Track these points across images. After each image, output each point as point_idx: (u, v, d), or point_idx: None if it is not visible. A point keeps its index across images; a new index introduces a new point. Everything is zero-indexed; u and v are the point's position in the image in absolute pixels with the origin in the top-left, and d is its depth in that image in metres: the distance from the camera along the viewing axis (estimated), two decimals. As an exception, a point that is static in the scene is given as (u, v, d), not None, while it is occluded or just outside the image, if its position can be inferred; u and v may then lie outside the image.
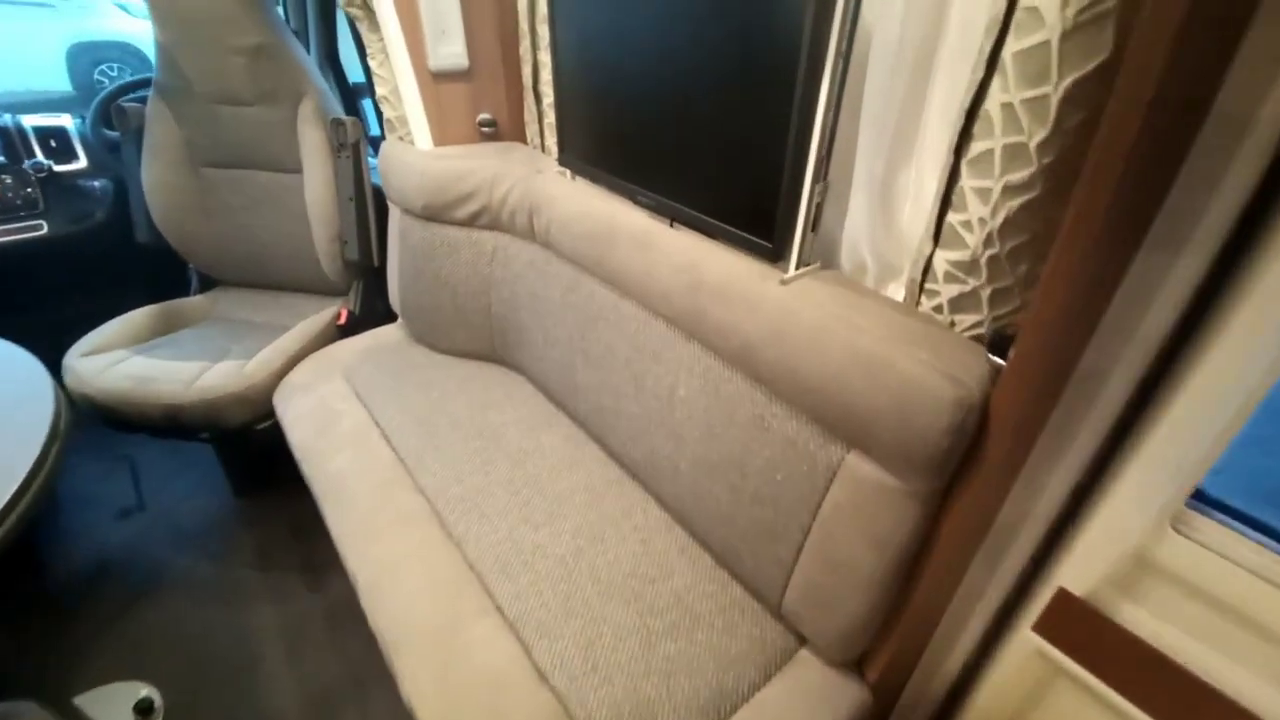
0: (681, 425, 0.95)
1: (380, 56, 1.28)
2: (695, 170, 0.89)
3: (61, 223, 1.73)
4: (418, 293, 1.40)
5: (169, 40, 1.42)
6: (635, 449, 1.07)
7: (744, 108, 0.78)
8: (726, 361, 0.87)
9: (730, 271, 0.85)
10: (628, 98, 0.96)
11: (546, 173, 1.20)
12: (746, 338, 0.82)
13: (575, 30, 1.01)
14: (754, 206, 0.82)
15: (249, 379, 1.33)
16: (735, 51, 0.76)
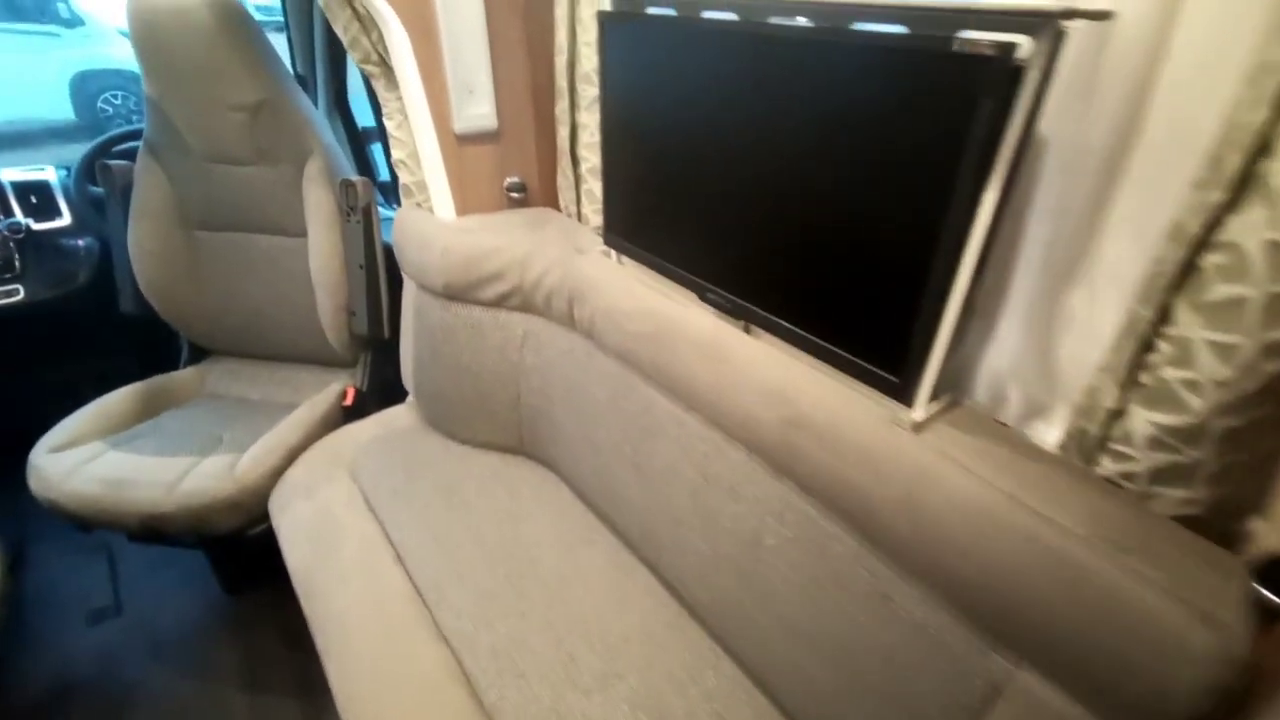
0: (767, 577, 0.78)
1: (398, 118, 1.13)
2: (791, 273, 0.73)
3: (40, 286, 1.56)
4: (435, 377, 1.23)
5: (160, 95, 1.27)
6: (701, 589, 0.89)
7: (873, 208, 0.62)
8: (834, 515, 0.70)
9: (837, 408, 0.68)
10: (700, 176, 0.81)
11: (588, 253, 1.04)
12: (865, 498, 0.65)
13: (633, 92, 0.86)
14: (873, 327, 0.66)
15: (240, 481, 1.16)
16: (869, 140, 0.60)
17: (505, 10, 1.06)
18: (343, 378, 1.48)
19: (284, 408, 1.42)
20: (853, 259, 0.65)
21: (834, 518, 0.70)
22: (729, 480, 0.81)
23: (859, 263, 0.65)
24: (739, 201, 0.76)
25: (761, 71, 0.69)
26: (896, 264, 0.61)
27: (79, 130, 6.08)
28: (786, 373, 0.74)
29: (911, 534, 0.61)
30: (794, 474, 0.74)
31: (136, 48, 1.21)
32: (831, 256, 0.67)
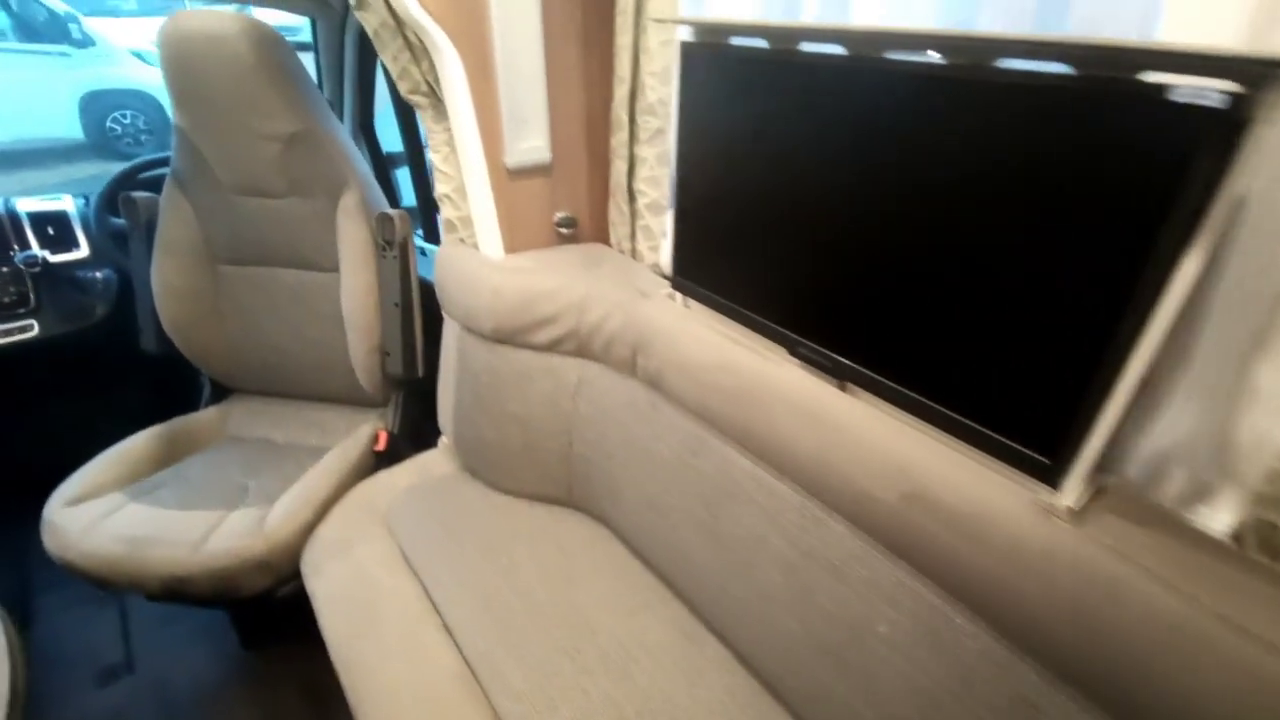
0: (874, 670, 0.69)
1: (445, 150, 1.07)
2: (914, 332, 0.65)
3: (55, 321, 1.49)
4: (478, 423, 1.15)
5: (190, 125, 1.21)
6: (787, 671, 0.81)
7: (1026, 266, 0.54)
8: (966, 608, 0.62)
9: (971, 488, 0.60)
10: (794, 220, 0.73)
11: (653, 297, 0.97)
12: (1012, 596, 0.56)
13: (717, 127, 0.79)
14: (1022, 400, 0.58)
15: (270, 538, 1.07)
16: (1026, 192, 0.53)
17: (563, 39, 1.00)
18: (372, 418, 1.41)
19: (311, 451, 1.34)
20: (996, 322, 0.58)
21: (965, 611, 0.62)
22: (830, 557, 0.73)
23: (1005, 327, 0.57)
24: (845, 250, 0.69)
25: (878, 111, 0.62)
26: (1057, 330, 0.53)
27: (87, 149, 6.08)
28: (905, 443, 0.66)
29: (1075, 644, 0.53)
30: (913, 557, 0.66)
31: (167, 76, 1.15)
32: (967, 318, 0.60)
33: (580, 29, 1.01)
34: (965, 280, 0.59)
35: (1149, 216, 0.45)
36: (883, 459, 0.66)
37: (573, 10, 0.99)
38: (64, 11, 5.79)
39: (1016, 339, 0.57)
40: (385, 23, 0.92)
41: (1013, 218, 0.54)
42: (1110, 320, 0.49)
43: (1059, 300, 0.53)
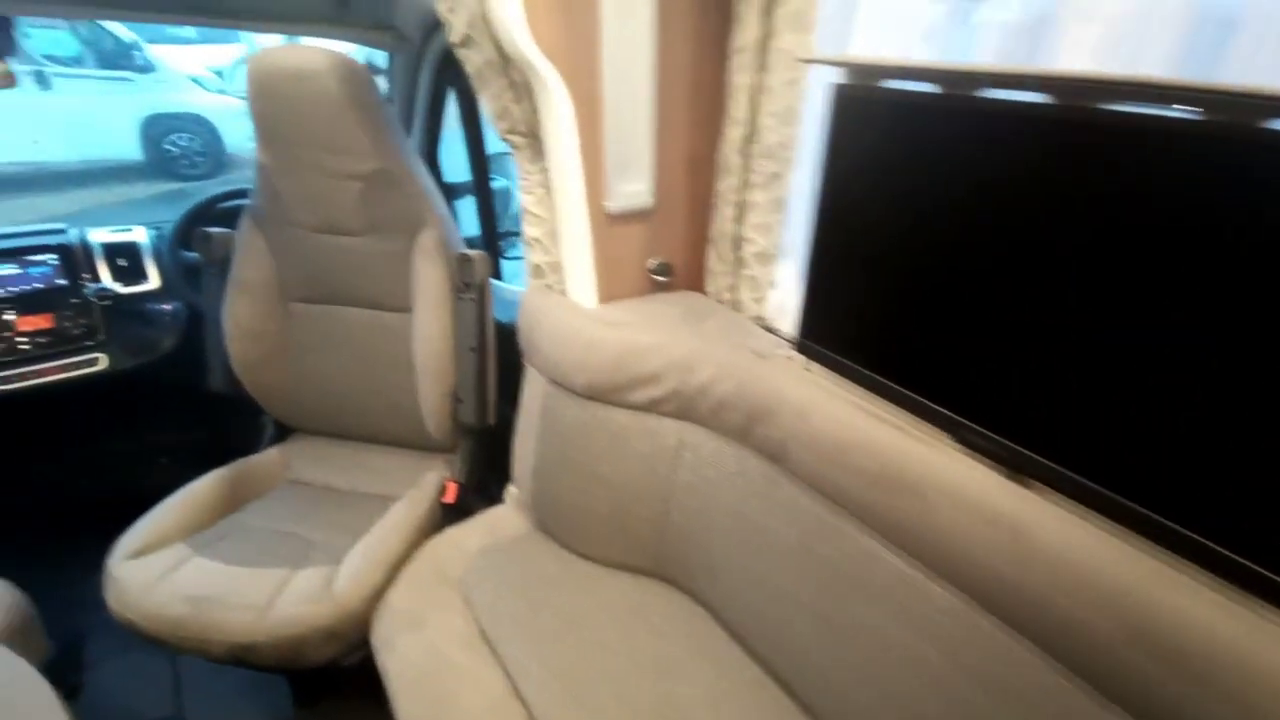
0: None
1: (539, 192, 1.00)
2: (1140, 430, 0.55)
3: (122, 355, 1.46)
4: (560, 484, 1.06)
5: (272, 163, 1.17)
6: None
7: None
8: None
9: (1238, 639, 0.49)
10: (969, 286, 0.64)
11: (772, 359, 0.87)
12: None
13: (870, 177, 0.70)
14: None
15: (340, 606, 0.99)
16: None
17: (673, 80, 0.93)
18: (437, 465, 1.33)
19: (374, 500, 1.27)
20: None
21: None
22: (1005, 680, 0.62)
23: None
24: (1039, 322, 0.59)
25: (1088, 168, 0.53)
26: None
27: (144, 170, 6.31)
28: (1116, 561, 0.55)
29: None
30: (1130, 703, 0.54)
31: (253, 112, 1.11)
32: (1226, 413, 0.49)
33: (691, 69, 0.94)
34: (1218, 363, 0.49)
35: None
36: (1091, 580, 0.55)
37: (685, 50, 0.92)
38: (129, 39, 6.05)
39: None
40: (491, 61, 0.86)
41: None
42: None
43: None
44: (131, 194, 6.02)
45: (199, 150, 6.48)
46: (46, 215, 5.30)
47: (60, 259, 1.41)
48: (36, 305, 1.38)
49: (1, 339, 1.34)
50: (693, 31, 0.93)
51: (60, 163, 5.88)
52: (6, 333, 1.35)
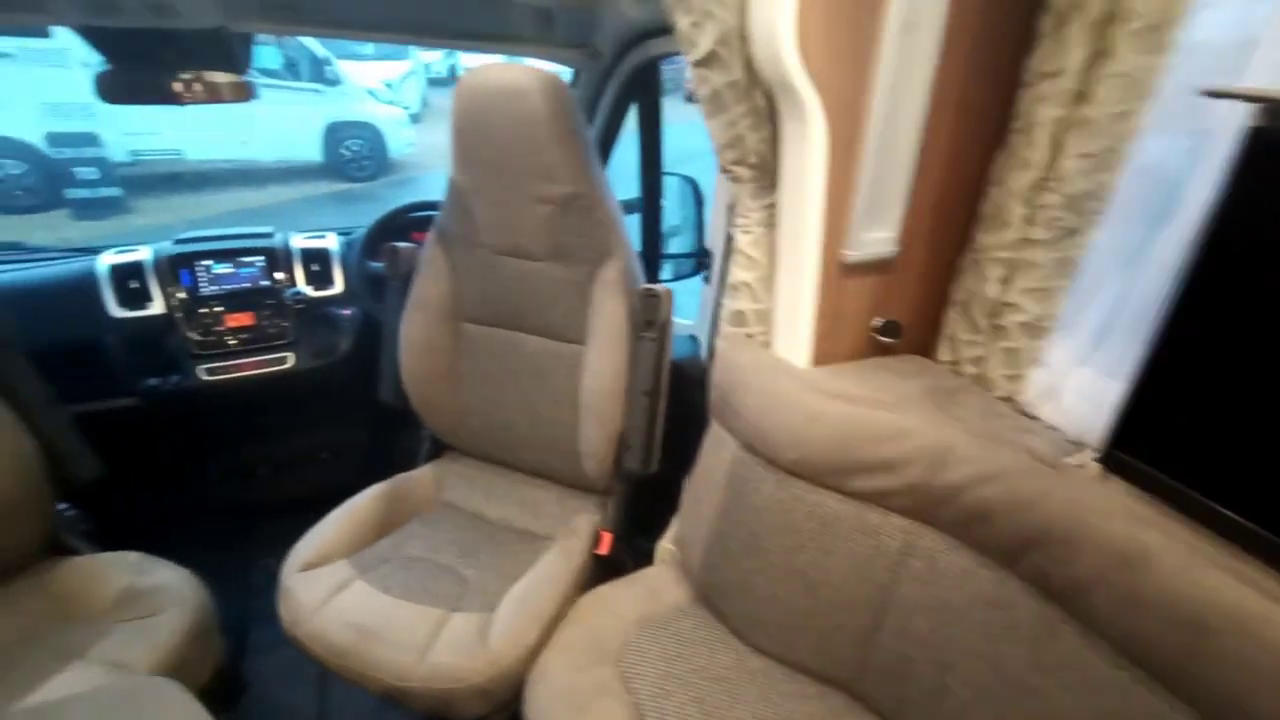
0: None
1: (757, 232, 0.87)
2: None
3: (306, 356, 1.53)
4: (743, 566, 0.92)
5: (467, 181, 1.14)
6: None
7: None
8: None
9: None
10: None
11: (1065, 470, 0.68)
12: None
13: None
14: None
15: (494, 664, 0.91)
16: None
17: (950, 111, 0.76)
18: (589, 509, 1.24)
19: (525, 537, 1.21)
20: None
21: None
22: None
23: None
24: None
25: None
26: None
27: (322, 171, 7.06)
28: None
29: None
30: None
31: (456, 130, 1.09)
32: None
33: (960, 97, 0.77)
34: None
35: None
36: None
37: (960, 74, 0.75)
38: (322, 55, 6.79)
39: None
40: (734, 83, 0.74)
41: None
42: None
43: None
44: (311, 191, 6.75)
45: (367, 155, 7.16)
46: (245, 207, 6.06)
47: (266, 261, 1.49)
48: (243, 303, 1.47)
49: (213, 333, 1.44)
50: (972, 52, 0.76)
51: (259, 162, 6.70)
52: (217, 327, 1.44)
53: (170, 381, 1.41)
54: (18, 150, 5.00)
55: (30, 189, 5.10)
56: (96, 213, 5.18)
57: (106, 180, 5.20)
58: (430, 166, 7.92)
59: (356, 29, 1.24)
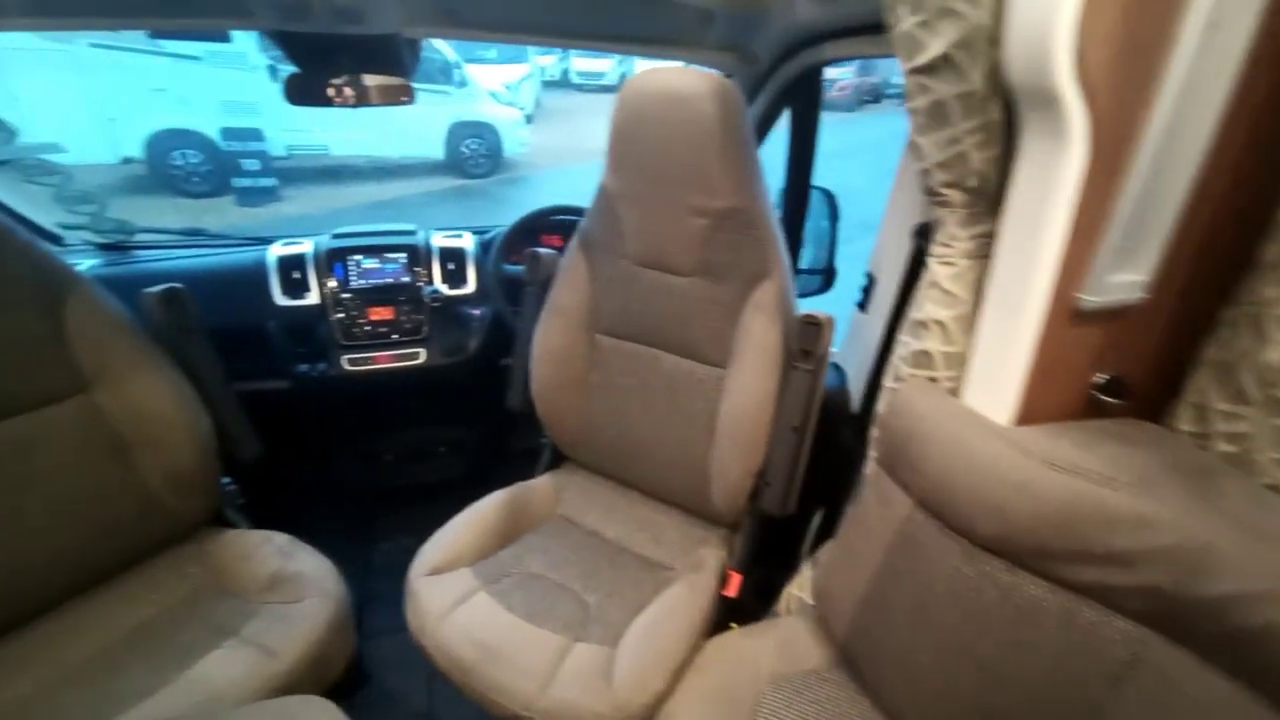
0: None
1: (961, 265, 0.75)
2: None
3: (437, 353, 1.56)
4: (904, 639, 0.81)
5: (618, 188, 1.10)
6: None
7: None
8: None
9: None
10: None
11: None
12: None
13: None
14: None
15: (620, 709, 0.86)
16: None
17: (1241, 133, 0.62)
18: (714, 542, 1.17)
19: (646, 565, 1.15)
20: None
21: None
22: None
23: None
24: None
25: None
26: None
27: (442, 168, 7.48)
28: None
29: None
30: None
31: (614, 136, 1.05)
32: None
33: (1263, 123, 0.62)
34: None
35: None
36: None
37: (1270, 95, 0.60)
38: (453, 59, 7.19)
39: None
40: (966, 94, 0.63)
41: None
42: None
43: None
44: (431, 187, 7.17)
45: (484, 153, 7.51)
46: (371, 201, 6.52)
47: (407, 258, 1.54)
48: (385, 298, 1.52)
49: (356, 324, 1.50)
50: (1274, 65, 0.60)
51: (389, 158, 7.21)
52: (361, 319, 1.50)
53: (317, 369, 1.49)
54: (199, 142, 5.66)
55: (204, 176, 5.76)
56: (255, 200, 5.76)
57: (265, 171, 5.76)
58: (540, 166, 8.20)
59: (517, 32, 1.23)
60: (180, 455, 1.06)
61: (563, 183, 7.49)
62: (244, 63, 5.63)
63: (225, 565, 1.07)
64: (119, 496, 1.02)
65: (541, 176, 7.91)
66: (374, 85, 1.17)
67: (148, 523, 1.06)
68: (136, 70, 5.40)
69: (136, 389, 1.03)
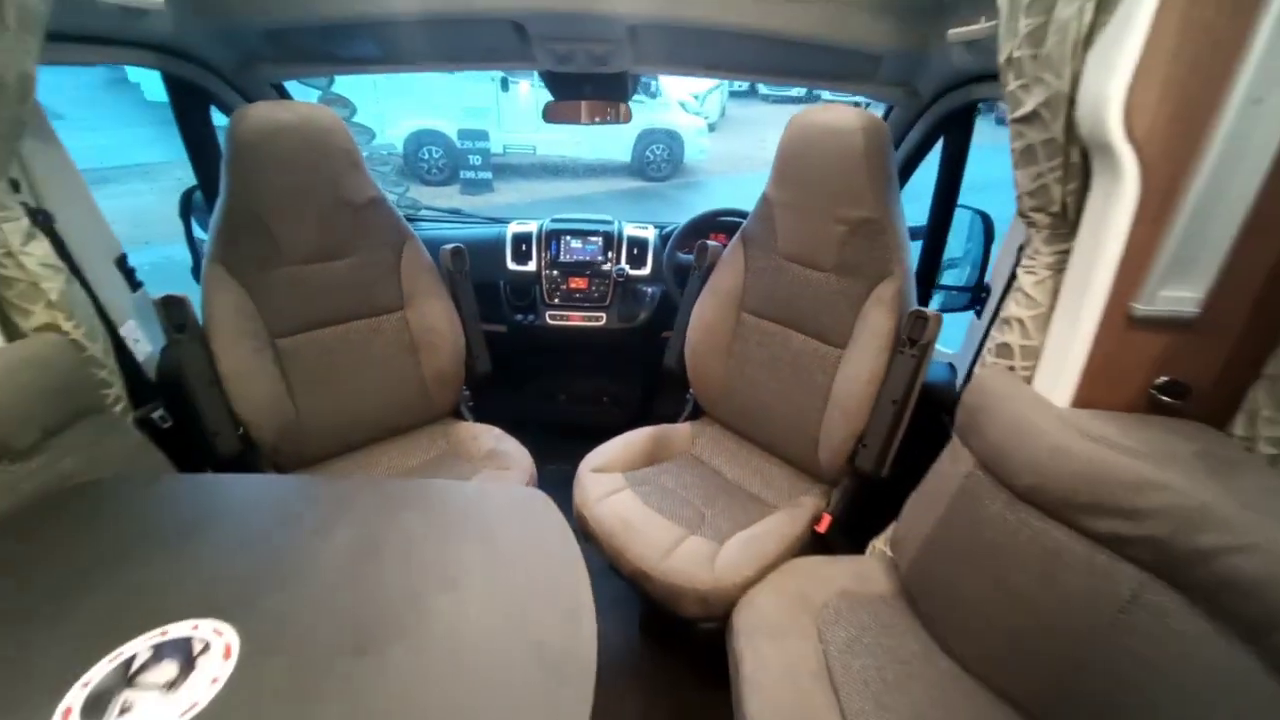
0: None
1: (1043, 274, 0.94)
2: None
3: (615, 318, 1.97)
4: (953, 573, 1.00)
5: (778, 197, 1.39)
6: None
7: None
8: None
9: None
10: None
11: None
12: None
13: None
14: None
15: (717, 580, 1.16)
16: None
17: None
18: (815, 493, 1.40)
19: (754, 500, 1.42)
20: None
21: None
22: None
23: None
24: None
25: None
26: None
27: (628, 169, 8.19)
28: None
29: None
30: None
31: (780, 154, 1.34)
32: None
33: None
34: None
35: None
36: None
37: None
38: (651, 71, 7.79)
39: None
40: (1050, 140, 0.84)
41: None
42: None
43: None
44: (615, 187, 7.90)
45: (665, 159, 8.06)
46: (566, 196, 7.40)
47: (603, 242, 1.96)
48: (581, 271, 1.96)
49: (559, 289, 1.96)
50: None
51: (581, 159, 8.08)
52: (563, 285, 1.96)
53: (528, 319, 1.97)
54: (440, 140, 6.90)
55: (441, 169, 7.00)
56: (474, 189, 6.87)
57: (485, 166, 6.84)
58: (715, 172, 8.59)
59: (720, 69, 1.57)
60: (445, 361, 1.56)
61: (734, 189, 7.80)
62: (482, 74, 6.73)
63: (461, 441, 1.55)
64: (409, 382, 1.54)
65: (715, 182, 8.30)
66: (611, 108, 1.58)
67: (420, 403, 1.57)
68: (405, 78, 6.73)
69: (429, 311, 1.54)
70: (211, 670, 0.64)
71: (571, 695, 0.65)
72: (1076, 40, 0.76)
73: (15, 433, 0.89)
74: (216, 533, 0.86)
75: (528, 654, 0.69)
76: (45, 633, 0.68)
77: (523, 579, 0.81)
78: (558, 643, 0.71)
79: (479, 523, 0.92)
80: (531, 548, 0.87)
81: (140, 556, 0.80)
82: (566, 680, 0.67)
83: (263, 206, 1.26)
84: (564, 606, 0.77)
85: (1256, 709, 0.66)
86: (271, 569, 0.79)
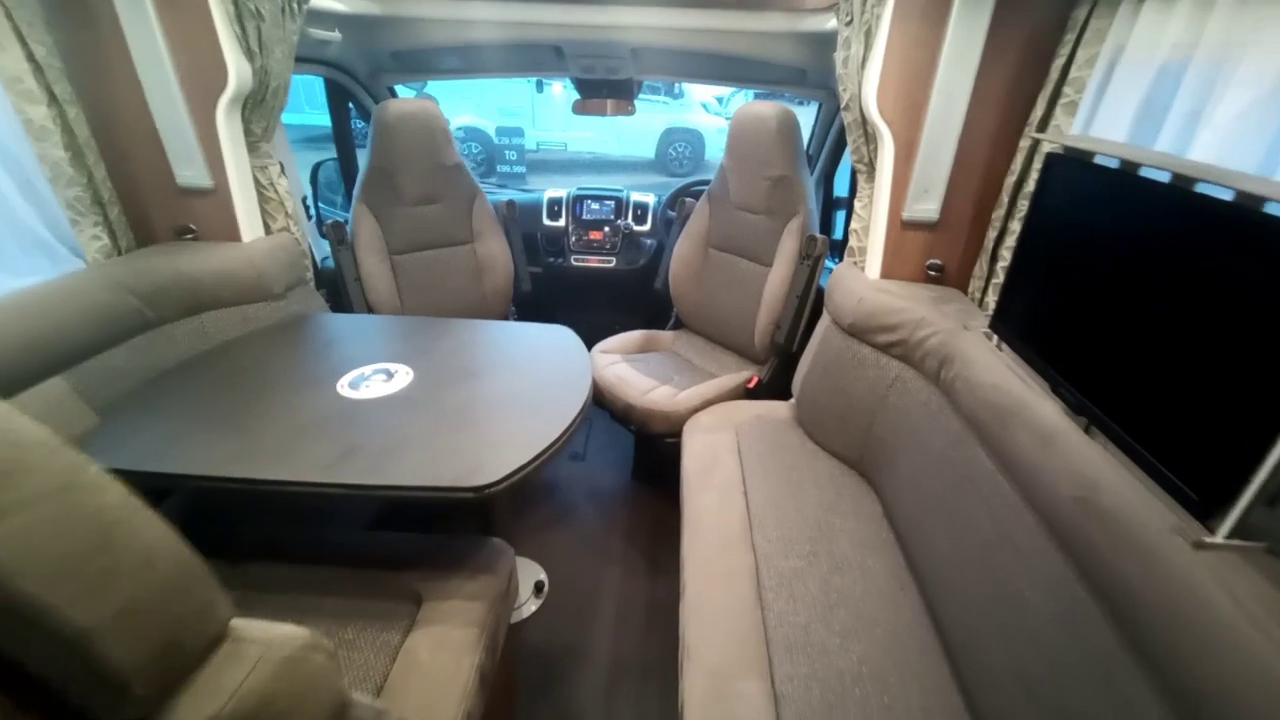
0: (1014, 631, 0.90)
1: (865, 200, 1.56)
2: (1134, 379, 0.84)
3: (622, 262, 2.63)
4: (816, 389, 1.63)
5: (729, 164, 2.03)
6: (957, 626, 1.04)
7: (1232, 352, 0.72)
8: (1097, 600, 0.80)
9: (1130, 505, 0.78)
10: (1094, 299, 0.96)
11: (972, 331, 1.26)
12: (1131, 591, 0.74)
13: (1060, 219, 1.06)
14: (1193, 443, 0.74)
15: (675, 406, 1.80)
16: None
17: (977, 139, 1.36)
18: (750, 368, 2.03)
19: (709, 375, 2.05)
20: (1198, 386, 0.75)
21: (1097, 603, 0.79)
22: (1018, 542, 0.95)
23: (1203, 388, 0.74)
24: (1121, 327, 0.89)
25: (1177, 228, 0.82)
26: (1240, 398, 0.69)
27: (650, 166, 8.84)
28: (1102, 470, 0.85)
29: (1169, 647, 0.67)
30: (1075, 556, 0.84)
31: (730, 135, 1.98)
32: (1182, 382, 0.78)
33: (993, 133, 1.35)
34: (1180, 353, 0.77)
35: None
36: (1077, 468, 0.87)
37: (991, 120, 1.34)
38: (675, 74, 8.39)
39: (1199, 401, 0.73)
40: (856, 120, 1.46)
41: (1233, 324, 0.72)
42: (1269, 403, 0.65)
43: (1246, 378, 0.69)
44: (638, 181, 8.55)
45: (687, 156, 8.65)
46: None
47: (615, 205, 2.63)
48: (598, 226, 2.63)
49: (581, 240, 2.63)
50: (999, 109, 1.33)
51: (608, 155, 8.76)
52: (585, 236, 2.63)
53: (558, 262, 2.65)
54: (480, 136, 7.67)
55: (479, 163, 7.77)
56: (508, 183, 7.60)
57: (520, 161, 7.58)
58: (735, 171, 9.14)
59: (696, 77, 2.22)
60: (500, 280, 2.24)
61: (750, 185, 8.31)
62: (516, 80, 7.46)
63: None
64: (473, 293, 2.22)
65: (733, 179, 8.84)
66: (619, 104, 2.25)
67: (480, 308, 2.25)
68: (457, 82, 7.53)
69: (491, 245, 2.22)
70: (402, 381, 1.31)
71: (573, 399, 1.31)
72: (858, 64, 1.39)
73: (273, 285, 1.59)
74: (380, 334, 1.55)
75: (548, 381, 1.35)
76: (316, 363, 1.37)
77: (549, 365, 1.47)
78: (568, 381, 1.37)
79: (525, 338, 1.60)
80: (558, 351, 1.54)
81: (347, 341, 1.49)
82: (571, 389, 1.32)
83: (393, 165, 1.96)
84: (574, 377, 1.43)
85: (948, 430, 1.27)
86: (416, 346, 1.47)
